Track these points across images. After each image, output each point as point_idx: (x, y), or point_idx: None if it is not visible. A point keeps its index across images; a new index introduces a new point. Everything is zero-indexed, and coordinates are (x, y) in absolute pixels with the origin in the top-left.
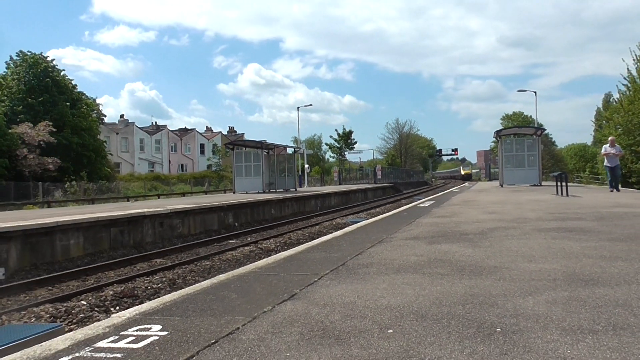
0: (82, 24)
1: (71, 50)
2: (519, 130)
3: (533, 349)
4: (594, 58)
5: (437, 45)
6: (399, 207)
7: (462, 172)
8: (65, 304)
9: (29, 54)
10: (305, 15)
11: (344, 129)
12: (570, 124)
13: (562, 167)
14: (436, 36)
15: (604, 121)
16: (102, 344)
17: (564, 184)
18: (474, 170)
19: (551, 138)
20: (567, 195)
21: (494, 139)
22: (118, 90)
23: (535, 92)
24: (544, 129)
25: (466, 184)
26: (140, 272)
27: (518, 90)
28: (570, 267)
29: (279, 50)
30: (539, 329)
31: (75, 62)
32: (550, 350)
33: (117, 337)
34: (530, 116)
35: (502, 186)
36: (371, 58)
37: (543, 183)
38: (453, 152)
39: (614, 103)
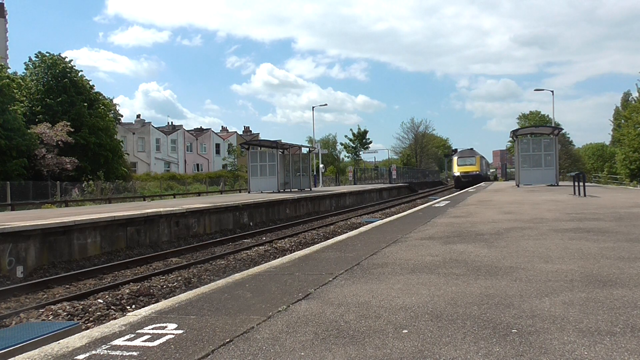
0: (96, 25)
1: (86, 51)
2: (536, 129)
3: (549, 351)
4: (610, 56)
5: (450, 44)
6: (414, 207)
7: (457, 172)
8: (82, 302)
9: (47, 55)
10: (317, 15)
11: (359, 128)
12: (587, 123)
13: (580, 166)
14: (449, 35)
15: (622, 120)
16: (118, 342)
17: (581, 184)
18: (491, 171)
19: (568, 137)
20: (585, 195)
21: (510, 139)
22: (132, 91)
23: (552, 91)
24: (561, 129)
25: (482, 183)
26: (156, 271)
27: (535, 90)
28: (587, 268)
29: (291, 50)
30: (555, 330)
31: (90, 63)
32: (567, 351)
33: (133, 336)
34: (547, 115)
35: (518, 186)
36: (384, 57)
37: (560, 183)
38: None
39: (633, 102)
